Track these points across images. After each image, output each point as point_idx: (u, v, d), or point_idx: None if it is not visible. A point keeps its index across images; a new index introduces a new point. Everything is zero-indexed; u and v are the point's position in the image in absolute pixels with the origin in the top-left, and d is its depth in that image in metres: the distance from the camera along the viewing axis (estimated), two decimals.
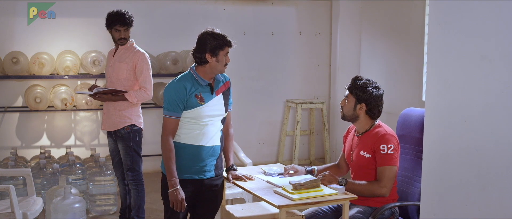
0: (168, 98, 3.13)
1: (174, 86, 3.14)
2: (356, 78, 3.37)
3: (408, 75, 5.75)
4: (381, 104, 3.35)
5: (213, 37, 3.15)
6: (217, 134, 3.23)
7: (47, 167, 5.01)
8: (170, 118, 3.12)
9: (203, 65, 3.16)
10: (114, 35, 4.27)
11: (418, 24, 5.56)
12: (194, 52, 3.19)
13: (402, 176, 3.45)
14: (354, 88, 3.34)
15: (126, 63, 4.27)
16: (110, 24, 4.23)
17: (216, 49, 3.14)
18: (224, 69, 3.21)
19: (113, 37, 4.30)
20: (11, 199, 3.84)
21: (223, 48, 3.16)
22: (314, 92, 7.02)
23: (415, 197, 3.29)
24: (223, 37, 3.17)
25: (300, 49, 6.92)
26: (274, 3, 6.68)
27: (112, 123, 4.31)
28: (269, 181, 3.36)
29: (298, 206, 3.04)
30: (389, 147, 3.21)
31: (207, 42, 3.14)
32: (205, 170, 3.21)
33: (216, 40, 3.15)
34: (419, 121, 3.38)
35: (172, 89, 3.13)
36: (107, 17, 4.26)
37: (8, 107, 5.92)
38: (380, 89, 3.36)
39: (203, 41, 3.16)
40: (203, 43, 3.15)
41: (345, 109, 3.39)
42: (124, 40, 4.28)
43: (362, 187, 3.23)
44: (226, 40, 3.17)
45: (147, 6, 6.24)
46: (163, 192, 3.26)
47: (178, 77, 3.21)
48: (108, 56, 4.53)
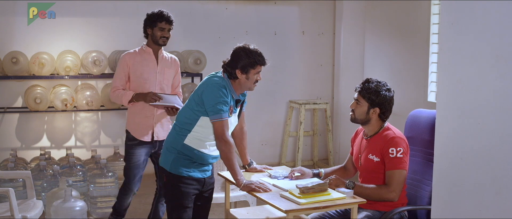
0: (215, 98, 3.09)
1: (217, 87, 3.12)
2: (366, 81, 3.30)
3: (413, 76, 5.69)
4: (392, 105, 3.30)
5: (247, 54, 3.14)
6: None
7: (47, 168, 4.95)
8: (225, 119, 3.12)
9: (234, 79, 3.18)
10: (156, 33, 4.11)
11: (423, 24, 5.50)
12: (226, 65, 3.19)
13: (411, 179, 3.39)
14: (366, 92, 3.26)
15: (172, 69, 4.23)
16: (154, 21, 4.11)
17: (247, 67, 3.14)
18: (254, 87, 3.23)
19: (154, 36, 4.13)
20: (10, 202, 3.79)
21: (255, 67, 3.16)
22: (317, 92, 6.97)
23: (425, 201, 3.22)
24: (257, 54, 3.16)
25: (303, 49, 6.87)
26: (277, 3, 6.62)
27: (165, 132, 4.15)
28: (275, 184, 3.29)
29: (305, 210, 2.98)
30: (398, 150, 3.15)
31: (240, 58, 3.14)
32: (207, 170, 3.29)
33: (249, 58, 3.14)
34: (428, 122, 3.32)
35: (217, 89, 3.11)
36: (150, 15, 4.15)
37: (7, 107, 5.87)
38: (391, 90, 3.30)
39: (236, 56, 3.16)
40: (235, 58, 3.15)
41: (357, 113, 3.31)
42: (166, 40, 4.16)
43: (371, 191, 3.17)
44: (259, 58, 3.16)
45: (148, 6, 6.15)
46: (167, 193, 3.25)
47: (221, 80, 3.16)
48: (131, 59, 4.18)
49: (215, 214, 5.00)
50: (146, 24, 4.16)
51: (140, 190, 4.46)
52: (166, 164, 3.22)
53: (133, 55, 4.18)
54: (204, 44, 6.25)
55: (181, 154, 3.18)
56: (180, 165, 3.18)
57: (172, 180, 3.20)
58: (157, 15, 4.12)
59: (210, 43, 6.38)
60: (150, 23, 4.13)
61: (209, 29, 6.44)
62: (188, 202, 3.22)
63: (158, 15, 4.12)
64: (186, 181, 3.19)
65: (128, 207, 4.36)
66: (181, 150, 3.18)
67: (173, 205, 3.23)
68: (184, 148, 3.17)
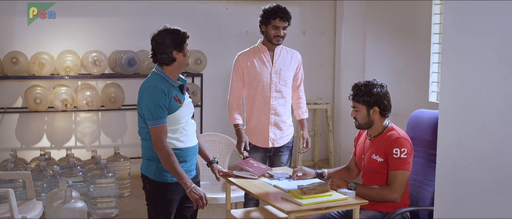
0: (153, 104, 3.00)
1: (154, 90, 3.02)
2: (355, 86, 3.28)
3: (414, 76, 5.67)
4: (389, 99, 3.28)
5: (172, 33, 3.08)
6: (194, 132, 3.22)
7: (47, 169, 4.94)
8: (163, 125, 3.02)
9: (170, 64, 3.08)
10: (270, 32, 3.82)
11: (424, 24, 5.49)
12: (156, 55, 3.09)
13: (413, 180, 3.37)
14: (359, 96, 3.25)
15: (291, 70, 3.95)
16: (268, 18, 3.79)
17: (181, 43, 3.08)
18: (188, 60, 3.16)
19: (268, 35, 3.84)
20: (10, 203, 3.77)
21: (186, 41, 3.11)
22: (318, 92, 6.95)
23: (427, 202, 3.21)
24: (179, 30, 3.11)
25: (304, 49, 6.81)
26: (278, 3, 6.59)
27: (280, 137, 4.00)
28: (276, 185, 3.28)
29: (307, 211, 2.96)
30: (402, 151, 3.13)
31: (168, 39, 3.05)
32: (191, 170, 3.20)
33: (176, 34, 3.08)
34: (431, 123, 3.31)
35: (154, 94, 3.01)
36: (264, 11, 3.83)
37: (7, 108, 5.85)
38: (384, 86, 3.28)
39: (163, 40, 3.05)
40: (164, 43, 3.05)
41: (359, 119, 3.29)
42: (281, 39, 3.85)
43: (373, 192, 3.15)
44: (183, 32, 3.11)
45: (149, 6, 6.17)
46: (150, 200, 3.20)
47: (151, 81, 3.08)
48: (243, 60, 3.92)
49: (216, 215, 4.99)
50: (260, 20, 3.87)
51: (140, 190, 4.44)
52: (149, 172, 3.14)
53: (246, 55, 3.94)
54: (204, 44, 6.23)
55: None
56: (164, 171, 3.09)
57: (155, 188, 3.13)
58: (272, 10, 3.81)
59: (211, 43, 6.36)
60: (265, 19, 3.83)
61: (210, 29, 6.42)
62: (173, 207, 3.18)
63: (274, 9, 3.81)
64: (171, 187, 3.12)
65: None
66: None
67: (157, 210, 3.17)
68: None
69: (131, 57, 5.70)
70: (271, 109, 3.92)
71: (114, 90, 5.79)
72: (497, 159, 2.11)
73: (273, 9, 3.81)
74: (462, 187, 2.27)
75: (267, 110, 3.92)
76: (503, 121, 2.08)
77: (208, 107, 6.34)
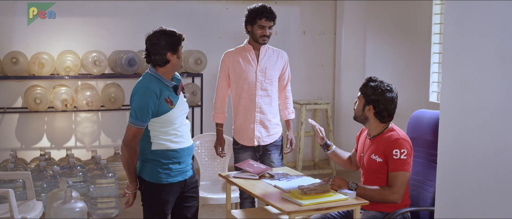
0: (141, 105, 2.98)
1: (146, 92, 3.00)
2: (369, 79, 3.28)
3: (414, 76, 5.67)
4: (391, 107, 3.24)
5: (168, 34, 3.06)
6: (189, 132, 3.21)
7: (47, 169, 4.93)
8: (141, 127, 3.02)
9: (163, 66, 3.07)
10: (256, 32, 3.85)
11: (425, 24, 5.49)
12: (150, 55, 3.08)
13: (414, 180, 3.36)
14: (365, 88, 3.26)
15: (277, 69, 3.98)
16: (254, 18, 3.82)
17: (176, 45, 3.06)
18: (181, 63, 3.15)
19: (254, 35, 3.88)
20: (10, 203, 3.77)
21: (181, 43, 3.09)
22: (318, 92, 6.95)
23: (428, 202, 3.20)
24: (175, 31, 3.09)
25: (304, 49, 6.84)
26: (278, 2, 6.59)
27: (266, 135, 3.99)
28: (276, 185, 3.27)
29: (307, 212, 2.96)
30: (402, 152, 3.12)
31: (163, 41, 3.04)
32: (186, 170, 3.19)
33: (172, 36, 3.06)
34: (431, 123, 3.30)
35: (145, 96, 2.99)
36: (250, 11, 3.87)
37: (7, 108, 5.84)
38: (393, 92, 3.25)
39: (157, 41, 3.04)
40: (159, 44, 3.03)
41: (356, 109, 3.33)
42: (267, 39, 3.88)
43: (373, 193, 3.14)
44: (179, 34, 3.10)
45: (149, 6, 6.16)
46: (145, 201, 3.21)
47: (145, 82, 3.06)
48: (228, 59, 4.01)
49: (216, 215, 4.99)
50: (246, 20, 3.91)
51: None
52: (143, 173, 3.13)
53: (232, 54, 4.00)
54: (204, 44, 6.22)
55: (156, 161, 3.09)
56: (159, 172, 3.09)
57: (150, 189, 3.13)
58: (258, 10, 3.84)
59: (211, 43, 6.35)
60: (250, 19, 3.87)
61: (210, 29, 6.41)
62: (168, 208, 3.18)
63: (259, 9, 3.84)
64: (166, 188, 3.12)
65: None
66: (154, 158, 3.09)
67: (153, 211, 3.17)
68: (155, 155, 3.08)
69: (131, 57, 5.70)
70: (257, 107, 3.95)
71: (114, 90, 5.79)
72: (498, 159, 2.11)
73: (259, 9, 3.85)
74: (463, 187, 2.27)
75: (252, 108, 3.95)
76: (504, 121, 2.07)
77: (208, 107, 6.32)
